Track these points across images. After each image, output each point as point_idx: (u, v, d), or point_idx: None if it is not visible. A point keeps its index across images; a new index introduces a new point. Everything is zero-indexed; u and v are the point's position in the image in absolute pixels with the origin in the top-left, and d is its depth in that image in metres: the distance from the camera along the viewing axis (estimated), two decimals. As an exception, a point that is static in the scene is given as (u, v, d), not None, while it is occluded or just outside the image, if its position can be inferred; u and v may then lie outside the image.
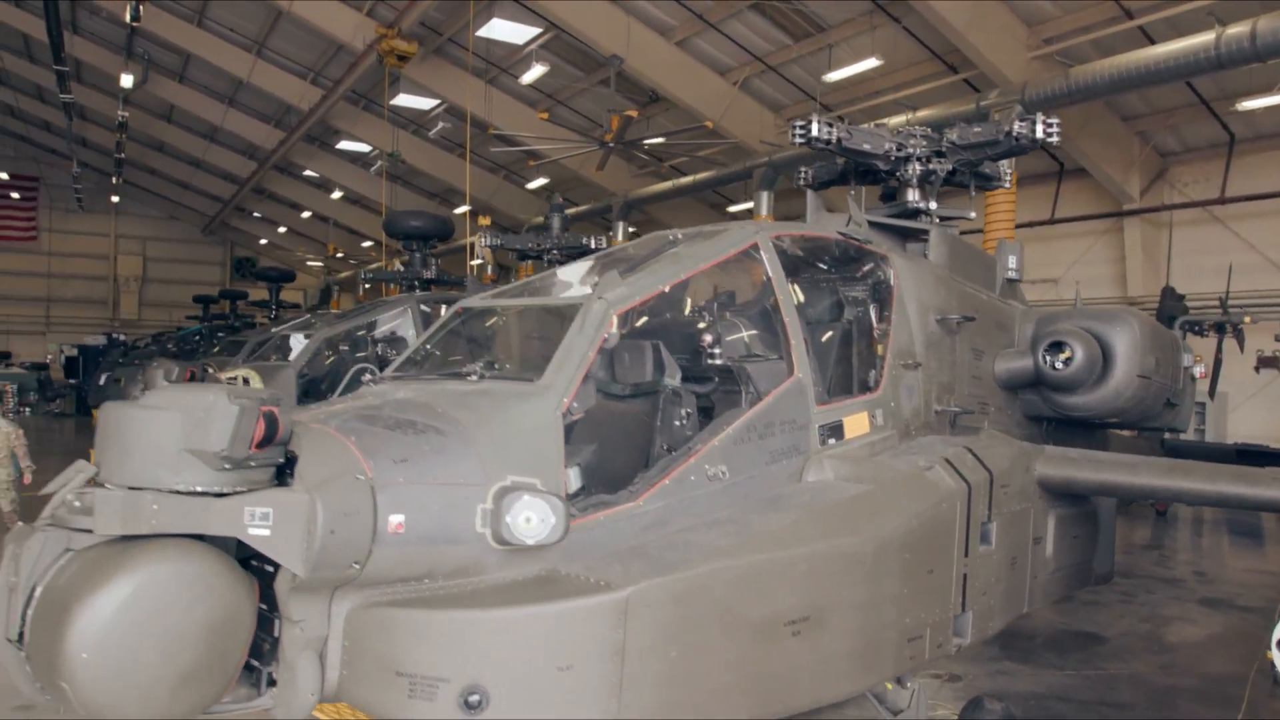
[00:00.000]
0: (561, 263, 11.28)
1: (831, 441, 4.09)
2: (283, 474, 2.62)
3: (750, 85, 18.77)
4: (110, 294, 45.34)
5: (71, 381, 26.57)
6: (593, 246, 10.93)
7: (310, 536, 2.42)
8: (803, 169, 6.99)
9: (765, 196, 18.69)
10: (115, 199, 43.69)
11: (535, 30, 18.76)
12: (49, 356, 39.16)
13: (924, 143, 5.84)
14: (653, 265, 3.68)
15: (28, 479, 10.56)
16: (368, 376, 3.64)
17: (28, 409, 26.59)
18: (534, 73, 19.41)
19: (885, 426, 4.48)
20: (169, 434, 2.42)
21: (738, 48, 17.86)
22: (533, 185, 26.68)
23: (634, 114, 15.98)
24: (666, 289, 3.60)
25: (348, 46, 20.49)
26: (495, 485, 2.71)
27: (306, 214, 37.80)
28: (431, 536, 2.64)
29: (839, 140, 5.54)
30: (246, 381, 8.24)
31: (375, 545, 2.54)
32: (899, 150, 5.78)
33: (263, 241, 46.28)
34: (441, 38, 20.02)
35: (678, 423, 3.64)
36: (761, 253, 4.05)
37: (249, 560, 2.72)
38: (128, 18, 20.08)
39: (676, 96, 18.32)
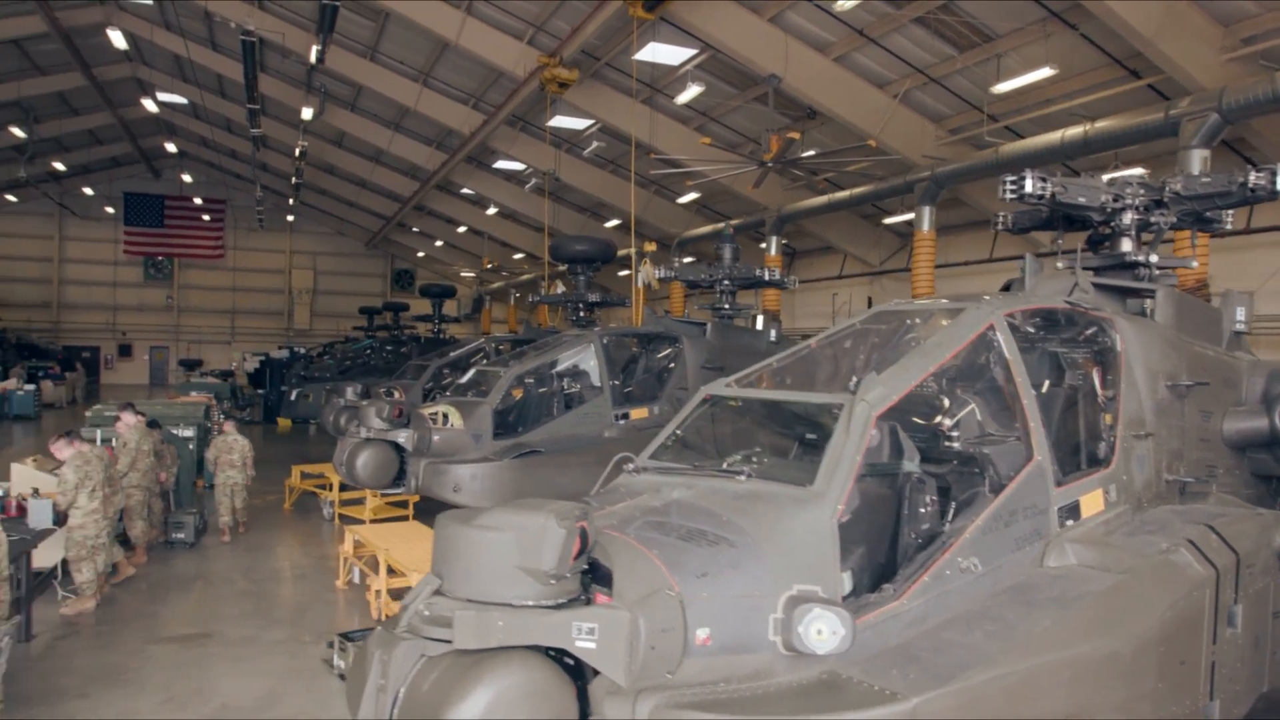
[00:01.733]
0: (733, 292, 11.47)
1: (1069, 523, 4.06)
2: (586, 577, 2.88)
3: (911, 98, 18.36)
4: (286, 305, 48.89)
5: (260, 391, 28.74)
6: (766, 278, 11.03)
7: (633, 651, 2.66)
8: (1000, 215, 6.87)
9: (927, 211, 18.25)
10: (290, 218, 47.12)
11: (691, 51, 19.00)
12: (234, 364, 42.52)
13: (1142, 192, 5.65)
14: (903, 359, 3.76)
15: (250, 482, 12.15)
16: (630, 466, 3.87)
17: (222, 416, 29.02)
18: (689, 93, 19.66)
19: (1119, 502, 4.40)
20: (505, 553, 2.71)
21: (898, 61, 17.52)
22: (684, 200, 26.97)
23: (796, 136, 15.95)
24: (918, 385, 3.68)
25: (509, 74, 21.34)
26: (784, 594, 2.88)
27: (462, 229, 39.51)
28: (731, 646, 2.83)
29: (1053, 195, 5.44)
30: (447, 418, 8.79)
31: (685, 656, 2.76)
32: (1115, 201, 5.62)
33: (420, 254, 48.68)
34: (599, 62, 20.55)
35: (923, 509, 3.72)
36: (997, 334, 4.07)
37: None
38: (312, 58, 21.70)
39: (835, 112, 18.14)
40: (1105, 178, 5.74)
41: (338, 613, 8.87)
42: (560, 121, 23.69)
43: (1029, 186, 5.32)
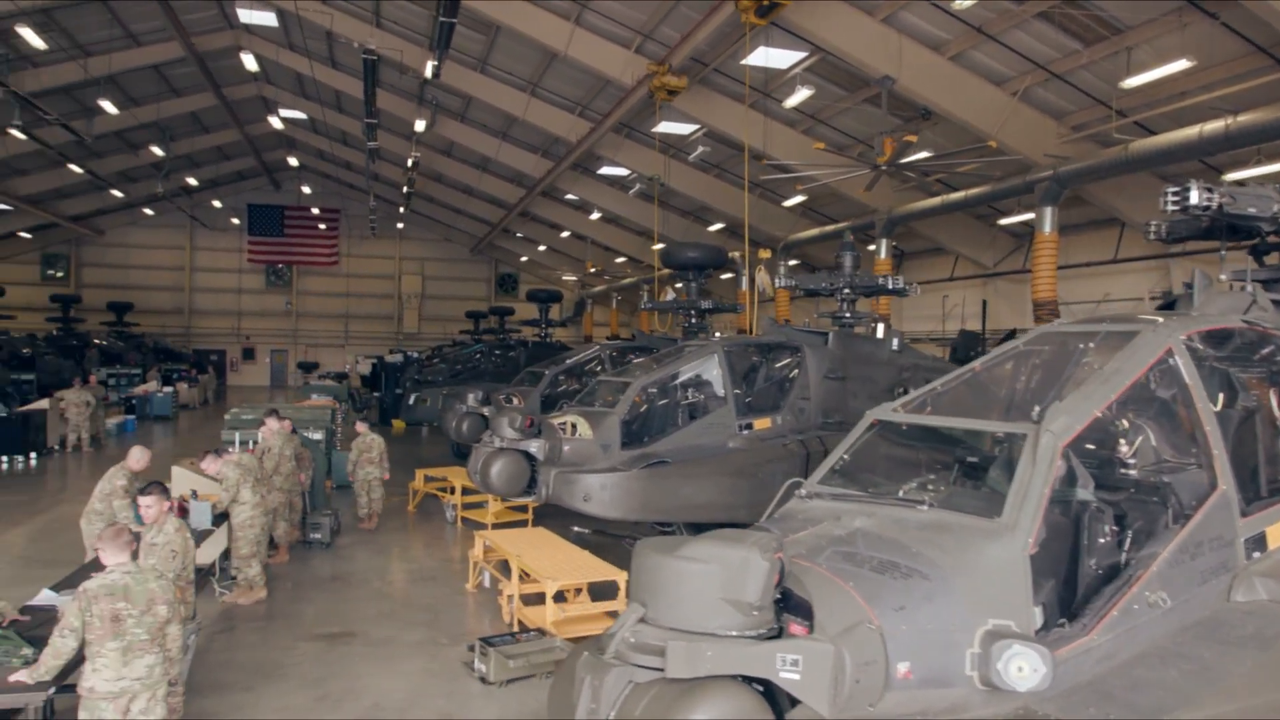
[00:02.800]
0: (853, 300, 11.32)
1: (1256, 555, 3.88)
2: (778, 607, 2.92)
3: (1031, 95, 17.76)
4: (395, 309, 50.63)
5: (376, 394, 29.84)
6: (889, 286, 10.86)
7: (837, 684, 2.70)
8: (1152, 223, 6.58)
9: (1049, 212, 17.60)
10: (400, 225, 48.77)
11: (801, 54, 18.84)
12: (347, 367, 44.29)
13: (1322, 200, 5.34)
14: (1084, 386, 3.67)
15: (386, 476, 13.19)
16: (802, 491, 3.89)
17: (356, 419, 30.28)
18: (799, 96, 19.48)
19: (1304, 532, 4.18)
20: (709, 584, 2.78)
21: (1018, 57, 16.97)
22: (789, 203, 26.74)
23: (913, 139, 15.63)
24: (1100, 414, 3.59)
25: (616, 82, 21.58)
26: (980, 629, 2.86)
27: (565, 233, 40.12)
28: (930, 680, 2.83)
29: (1220, 206, 5.19)
30: (575, 428, 8.97)
31: (887, 690, 2.77)
32: (1292, 211, 5.32)
33: (523, 259, 49.67)
34: (706, 68, 20.58)
35: (1103, 540, 3.62)
36: (1177, 358, 3.92)
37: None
38: (428, 73, 22.42)
39: (951, 112, 17.70)
40: (1242, 175, 5.44)
41: (470, 616, 9.15)
42: (666, 127, 23.81)
43: (1194, 198, 5.08)
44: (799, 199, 26.79)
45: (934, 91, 17.47)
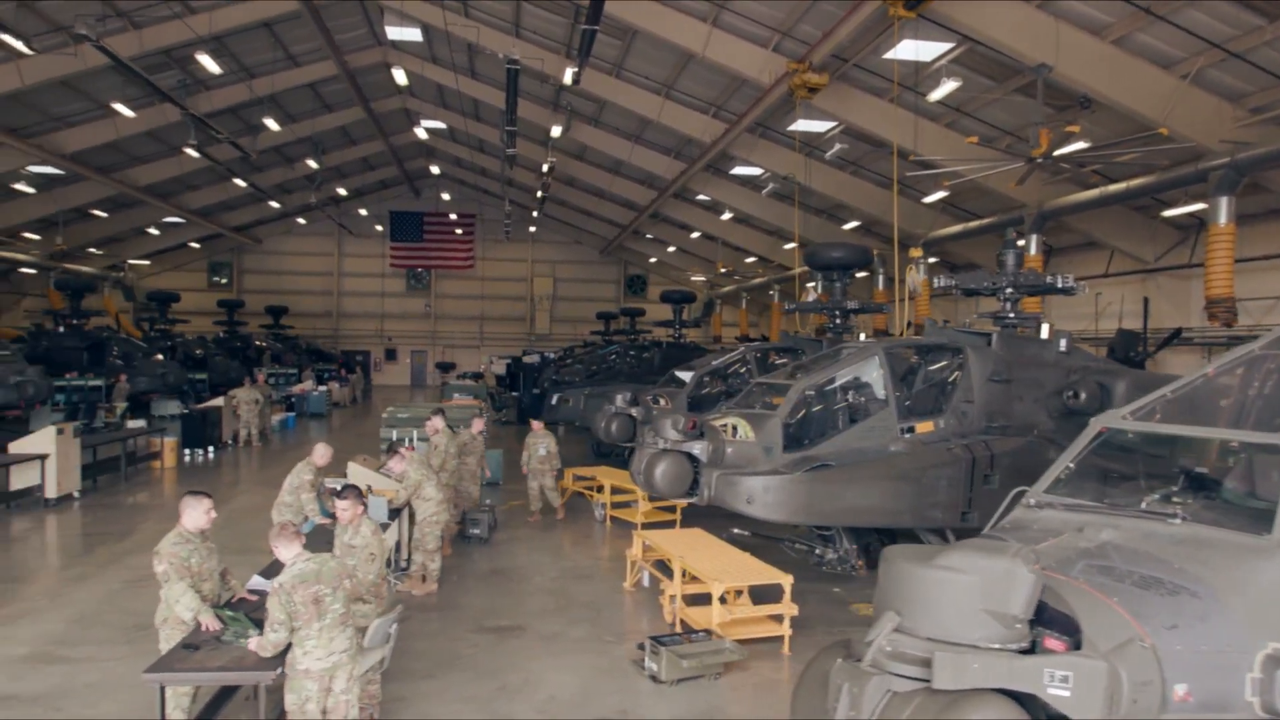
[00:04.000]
0: (1016, 300, 10.88)
1: None
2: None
3: (1204, 77, 16.61)
4: (528, 311, 51.99)
5: (513, 394, 30.69)
6: (1058, 285, 10.38)
7: (1112, 703, 2.60)
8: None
9: (1224, 202, 16.42)
10: (532, 229, 50.02)
11: (947, 45, 18.25)
12: (482, 367, 45.77)
13: None
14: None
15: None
16: (1030, 500, 3.77)
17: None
18: (944, 89, 18.86)
19: None
20: (970, 595, 2.74)
21: (1190, 37, 15.88)
22: (930, 199, 25.95)
23: (1075, 129, 14.89)
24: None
25: (753, 82, 21.46)
26: (1260, 653, 2.71)
27: (695, 234, 40.18)
28: (1209, 704, 2.70)
29: None
30: (736, 430, 8.97)
31: (1163, 712, 2.66)
32: None
33: (652, 260, 50.05)
34: (846, 64, 20.21)
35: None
36: None
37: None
38: (567, 80, 22.92)
39: (1113, 99, 16.75)
40: None
41: (631, 614, 9.29)
42: (802, 125, 23.52)
43: None
44: (939, 195, 25.96)
45: (1094, 78, 16.58)
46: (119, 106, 26.46)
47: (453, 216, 50.00)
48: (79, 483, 14.90)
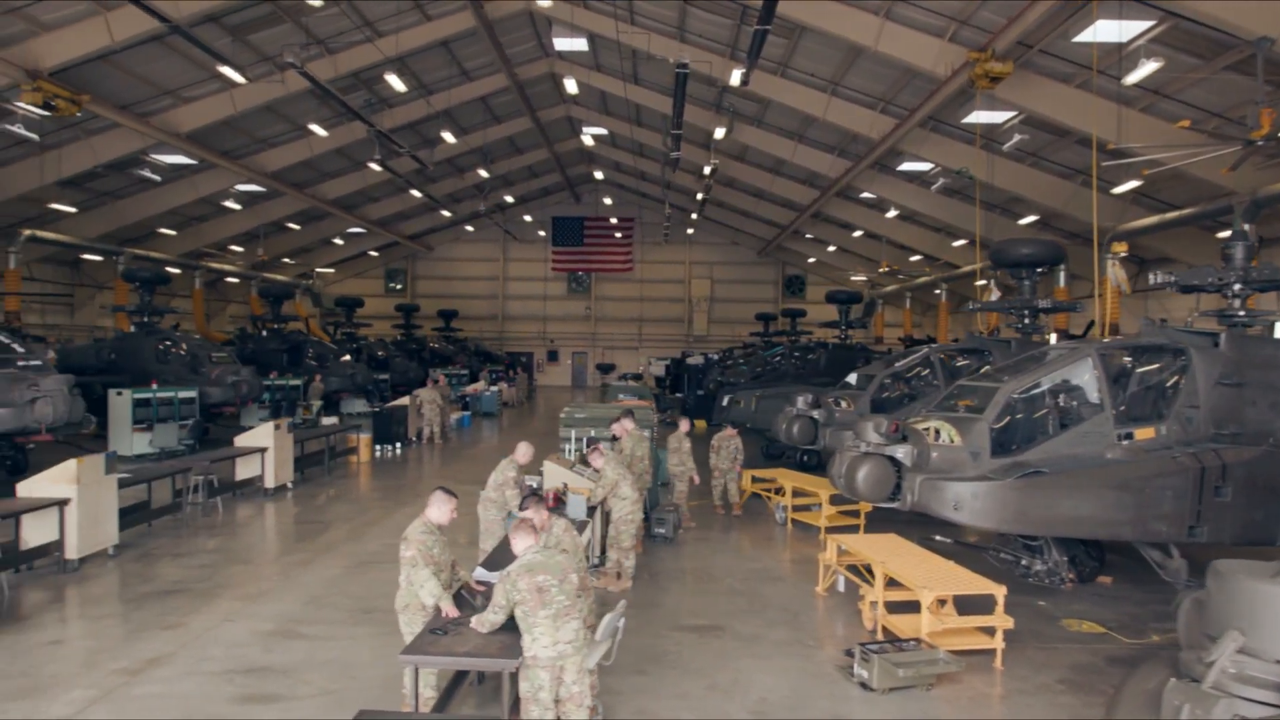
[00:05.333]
0: (1245, 297, 10.02)
1: None
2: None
3: None
4: (685, 313, 52.35)
5: (677, 395, 30.97)
6: (1299, 279, 9.49)
7: None
8: None
9: None
10: (690, 231, 50.32)
11: (1147, 24, 17.04)
12: (641, 368, 46.45)
13: None
14: None
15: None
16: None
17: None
18: (1142, 70, 17.60)
19: None
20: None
21: None
22: (1119, 189, 24.31)
23: (1309, 106, 13.55)
24: None
25: (927, 74, 20.77)
26: None
27: (858, 233, 39.28)
28: None
29: None
30: (939, 433, 8.69)
31: None
32: None
33: (812, 260, 49.31)
34: (1030, 50, 19.22)
35: None
36: None
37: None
38: (734, 81, 22.91)
39: (1350, 71, 15.19)
40: None
41: (826, 618, 9.18)
42: (979, 116, 22.55)
43: None
44: (1131, 185, 24.25)
45: (1327, 47, 15.05)
46: (314, 127, 28.58)
47: (612, 220, 51.04)
48: (292, 474, 16.15)
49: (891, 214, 35.07)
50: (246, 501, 14.90)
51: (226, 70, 21.28)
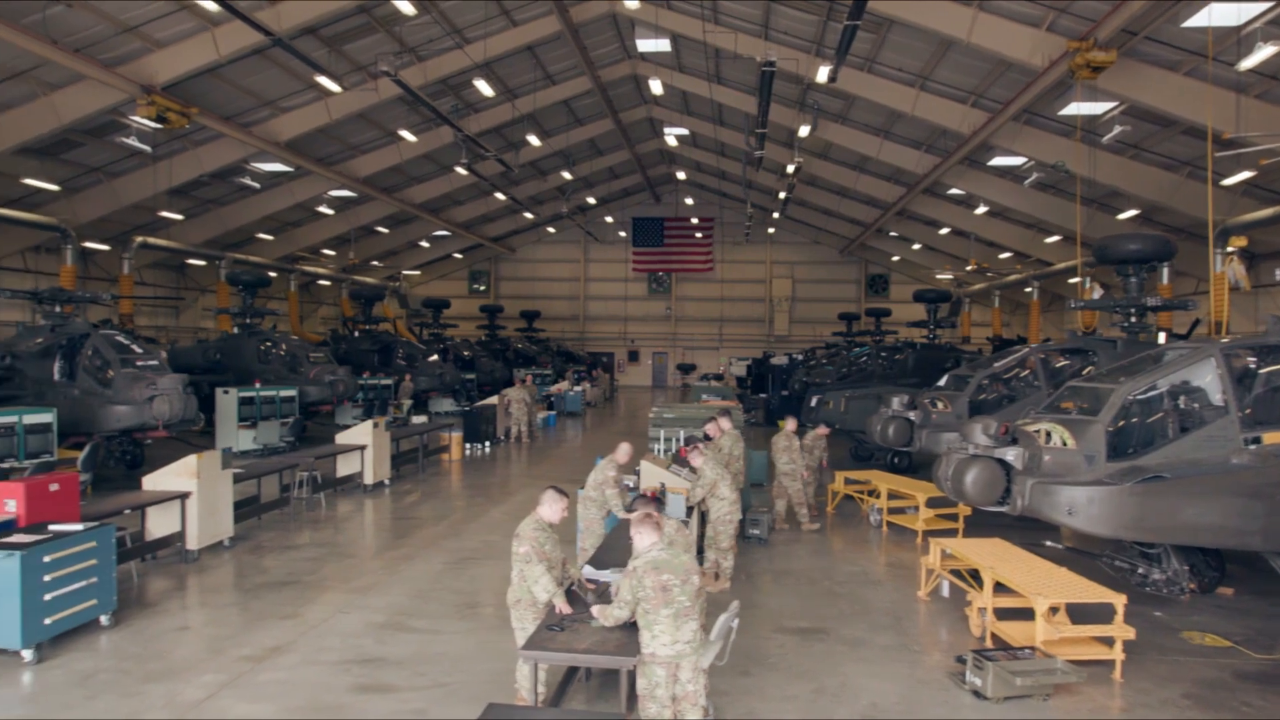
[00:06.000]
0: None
1: None
2: None
3: None
4: (766, 313, 51.97)
5: (761, 395, 30.76)
6: None
7: None
8: None
9: None
10: (771, 230, 49.94)
11: (1263, 5, 16.21)
12: (721, 369, 46.27)
13: None
14: None
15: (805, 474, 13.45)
16: None
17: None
18: (1260, 54, 16.74)
19: None
20: None
21: None
22: (1230, 180, 23.18)
23: None
24: None
25: (1022, 65, 20.19)
26: None
27: (944, 230, 38.41)
28: None
29: None
30: (1051, 436, 8.43)
31: None
32: None
33: (895, 258, 48.39)
34: (1134, 38, 18.50)
35: None
36: None
37: None
38: (821, 78, 22.66)
39: None
40: None
41: (933, 624, 8.99)
42: (1077, 108, 21.80)
43: None
44: (1243, 176, 23.12)
45: None
46: (404, 133, 29.31)
47: (693, 221, 51.00)
48: (389, 471, 16.60)
49: (980, 210, 34.20)
50: (346, 497, 15.37)
51: (323, 80, 22.02)
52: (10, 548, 7.41)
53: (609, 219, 51.66)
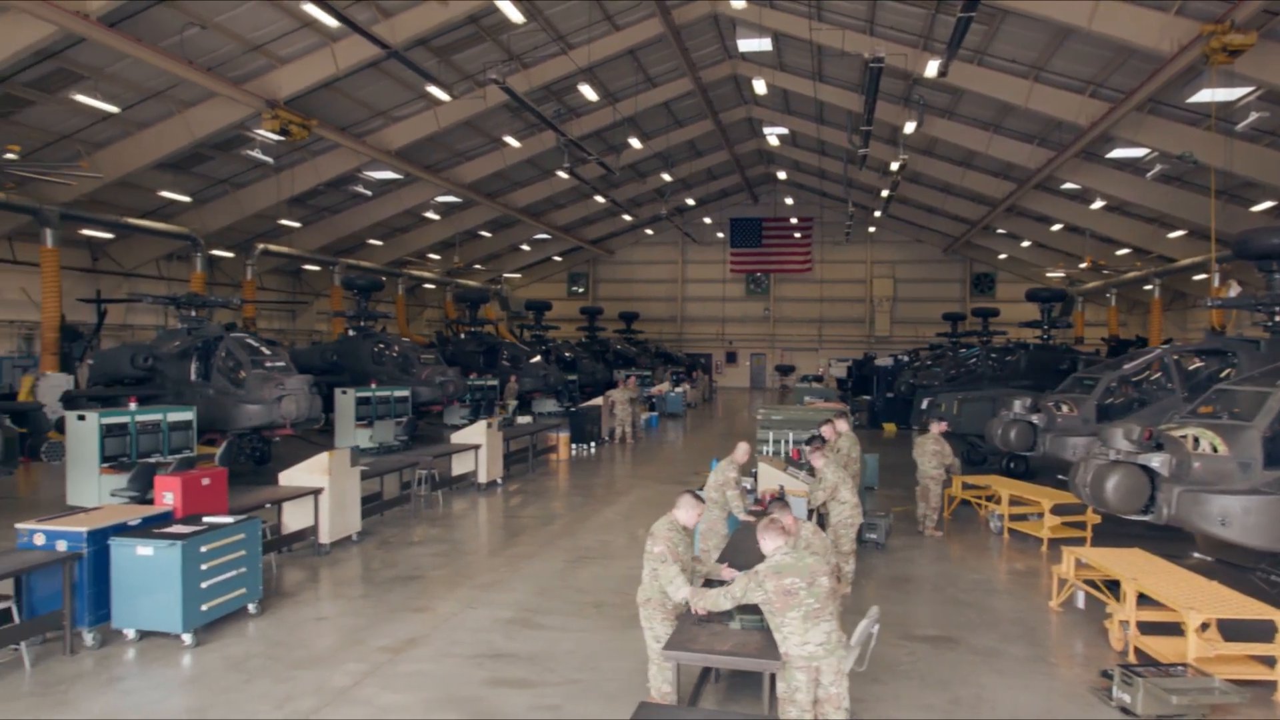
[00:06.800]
0: None
1: None
2: None
3: None
4: (867, 313, 51.01)
5: (865, 397, 30.23)
6: None
7: None
8: None
9: None
10: (871, 229, 49.01)
11: None
12: (821, 370, 45.63)
13: None
14: None
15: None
16: None
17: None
18: None
19: None
20: None
21: None
22: (1382, 168, 21.63)
23: None
24: None
25: (1148, 52, 19.26)
26: None
27: (1056, 226, 36.98)
28: None
29: None
30: (1198, 441, 8.03)
31: None
32: None
33: (1002, 256, 46.86)
34: (1275, 18, 17.43)
35: None
36: None
37: None
38: (931, 73, 22.12)
39: None
40: None
41: (1067, 636, 8.67)
42: (1210, 95, 20.66)
43: None
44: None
45: None
46: (508, 139, 29.93)
47: (792, 221, 50.49)
48: (501, 470, 16.97)
49: (1097, 205, 32.80)
50: (461, 495, 15.79)
51: (433, 89, 22.67)
52: (172, 538, 7.89)
53: (707, 220, 51.62)
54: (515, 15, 19.37)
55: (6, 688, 7.03)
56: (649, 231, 51.99)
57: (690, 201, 47.83)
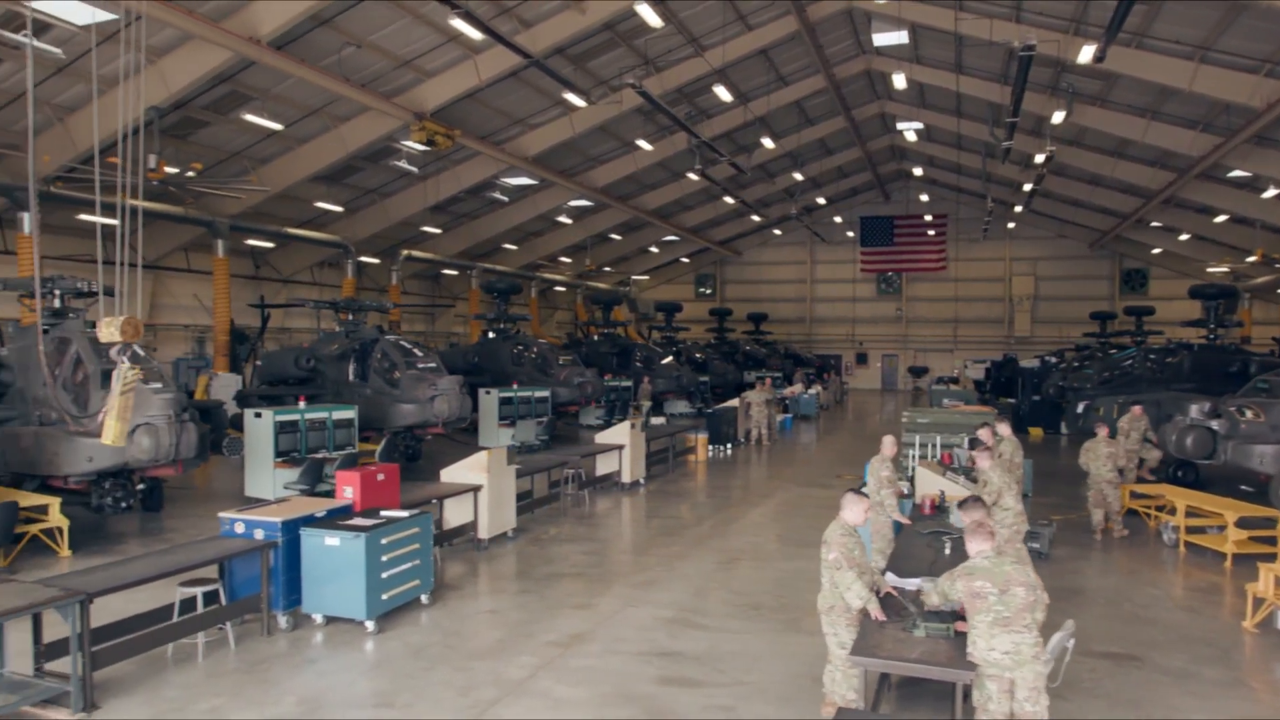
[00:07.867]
0: None
1: None
2: None
3: None
4: (1005, 313, 48.98)
5: (1009, 400, 29.03)
6: None
7: None
8: None
9: None
10: (1010, 225, 47.03)
11: None
12: (956, 371, 44.09)
13: None
14: None
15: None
16: None
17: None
18: None
19: None
20: None
21: None
22: None
23: None
24: None
25: (1337, 25, 17.74)
26: None
27: (1220, 218, 34.50)
28: None
29: None
30: (1243, 411, 7.33)
31: None
32: None
33: (1156, 251, 44.09)
34: None
35: None
36: None
37: None
38: (1086, 59, 21.04)
39: None
40: None
41: (1266, 659, 8.08)
42: None
43: None
44: None
45: None
46: (640, 142, 30.25)
47: (925, 218, 49.01)
48: (644, 471, 17.17)
49: (1270, 193, 30.38)
50: (605, 495, 16.05)
51: (570, 96, 23.17)
52: (356, 530, 8.35)
53: (837, 219, 50.73)
54: (654, 19, 19.56)
55: (216, 664, 7.60)
56: (777, 232, 51.51)
57: (820, 200, 47.12)
